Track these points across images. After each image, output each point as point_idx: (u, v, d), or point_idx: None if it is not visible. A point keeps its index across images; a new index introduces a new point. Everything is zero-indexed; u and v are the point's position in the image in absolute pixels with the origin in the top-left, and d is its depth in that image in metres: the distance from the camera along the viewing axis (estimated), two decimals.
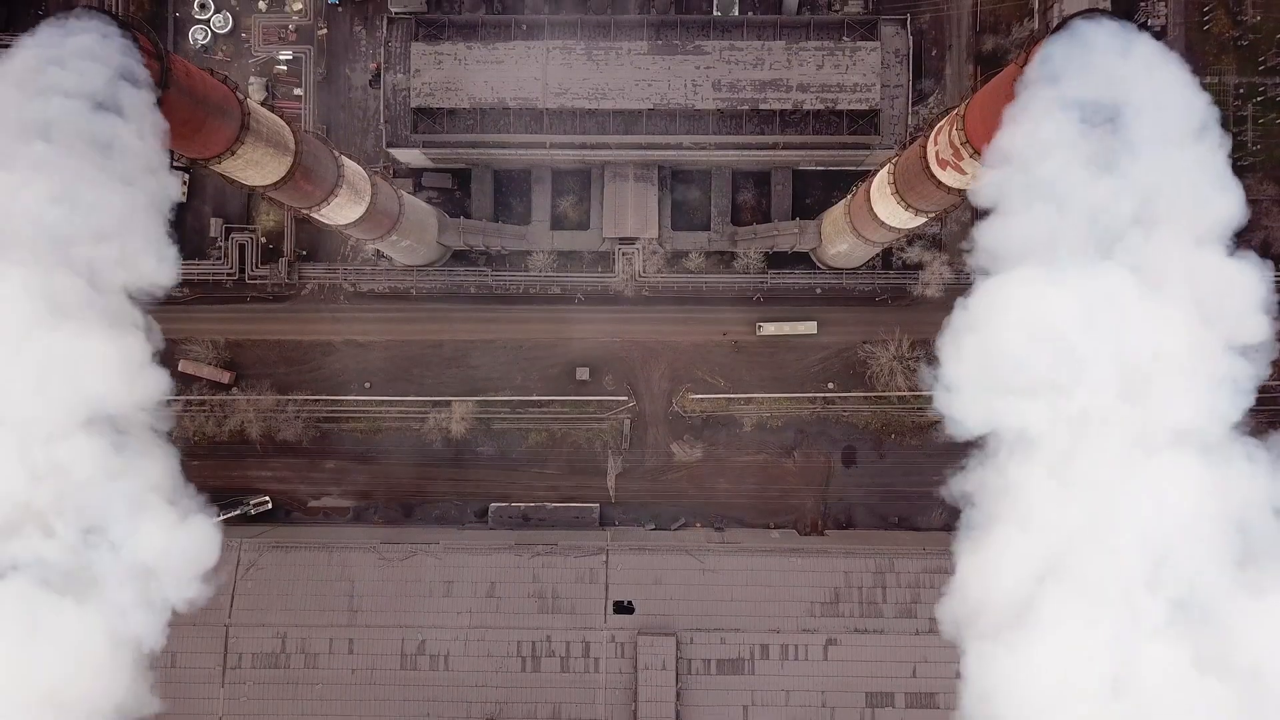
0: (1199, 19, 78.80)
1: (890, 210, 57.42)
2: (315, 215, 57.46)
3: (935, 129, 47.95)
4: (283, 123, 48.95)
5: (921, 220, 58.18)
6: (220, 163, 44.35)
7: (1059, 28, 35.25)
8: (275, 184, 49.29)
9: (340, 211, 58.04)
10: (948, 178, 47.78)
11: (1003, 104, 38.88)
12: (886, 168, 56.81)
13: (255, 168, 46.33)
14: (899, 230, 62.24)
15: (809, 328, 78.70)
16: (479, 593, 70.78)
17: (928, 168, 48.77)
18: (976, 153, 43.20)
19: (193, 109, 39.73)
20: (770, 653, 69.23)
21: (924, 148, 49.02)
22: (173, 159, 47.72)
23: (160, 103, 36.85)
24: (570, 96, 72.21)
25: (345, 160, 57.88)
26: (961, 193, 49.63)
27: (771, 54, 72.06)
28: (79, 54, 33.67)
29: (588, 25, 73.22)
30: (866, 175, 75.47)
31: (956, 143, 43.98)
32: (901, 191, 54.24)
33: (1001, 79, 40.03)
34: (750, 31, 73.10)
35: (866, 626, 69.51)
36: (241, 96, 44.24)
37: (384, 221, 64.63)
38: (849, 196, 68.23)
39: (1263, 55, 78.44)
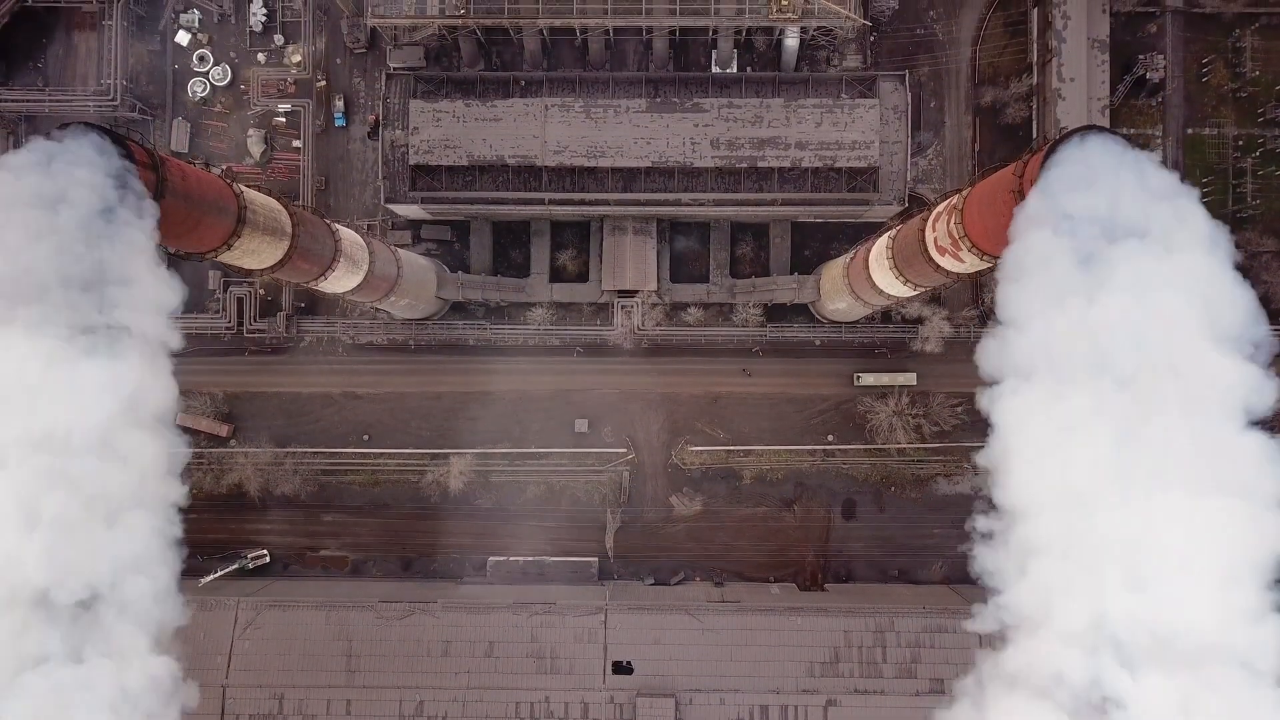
0: (1198, 71, 78.72)
1: (888, 282, 57.20)
2: (312, 287, 57.22)
3: (934, 215, 47.73)
4: (280, 206, 48.60)
5: (919, 292, 57.97)
6: (216, 255, 44.06)
7: (1060, 142, 35.02)
8: (271, 267, 49.01)
9: (338, 283, 57.83)
10: (946, 263, 47.57)
11: (1000, 205, 38.85)
12: (885, 239, 56.59)
13: (252, 256, 46.05)
14: (897, 298, 62.06)
15: (908, 379, 77.42)
16: (477, 652, 70.48)
17: (926, 251, 48.53)
18: (975, 245, 43.06)
19: (188, 211, 39.44)
20: (770, 714, 68.89)
21: (922, 231, 48.78)
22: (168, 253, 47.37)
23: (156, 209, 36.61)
24: (569, 154, 72.08)
25: (342, 231, 57.61)
26: (960, 275, 49.50)
27: (770, 111, 71.88)
28: (71, 174, 33.37)
29: (586, 82, 73.05)
30: (866, 229, 75.63)
31: (955, 234, 43.80)
32: (900, 268, 54.00)
33: (998, 180, 39.84)
34: (748, 89, 72.90)
35: (867, 687, 69.15)
36: (238, 190, 43.90)
37: (382, 285, 64.45)
38: (847, 257, 68.02)
39: (1261, 107, 78.37)
